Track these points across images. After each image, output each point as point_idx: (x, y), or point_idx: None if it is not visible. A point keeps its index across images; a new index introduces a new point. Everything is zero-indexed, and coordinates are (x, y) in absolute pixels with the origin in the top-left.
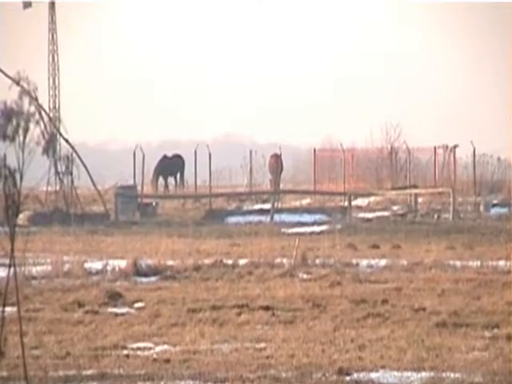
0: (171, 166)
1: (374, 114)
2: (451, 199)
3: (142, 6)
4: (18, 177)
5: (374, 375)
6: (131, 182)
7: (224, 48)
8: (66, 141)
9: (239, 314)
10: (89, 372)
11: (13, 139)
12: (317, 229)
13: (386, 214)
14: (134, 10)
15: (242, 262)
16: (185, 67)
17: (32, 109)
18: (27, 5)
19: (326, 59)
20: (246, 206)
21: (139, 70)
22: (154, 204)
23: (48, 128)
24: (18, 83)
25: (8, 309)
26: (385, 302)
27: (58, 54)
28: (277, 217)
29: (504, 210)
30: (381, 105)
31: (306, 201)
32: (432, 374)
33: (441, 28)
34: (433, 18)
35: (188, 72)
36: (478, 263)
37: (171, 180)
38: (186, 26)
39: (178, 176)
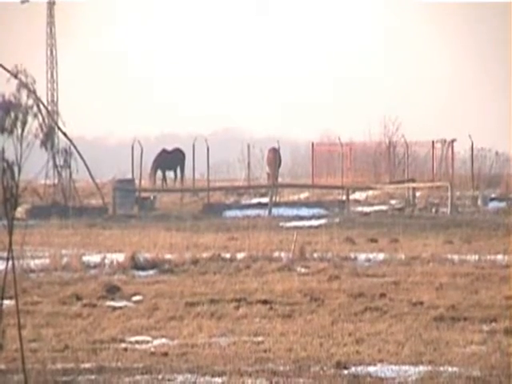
0: (170, 159)
1: (373, 108)
2: (449, 193)
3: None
4: (16, 170)
5: (371, 369)
6: (129, 176)
7: (223, 44)
8: (64, 134)
9: (237, 308)
10: (87, 365)
11: (11, 132)
12: (315, 223)
13: (383, 208)
14: (133, 5)
15: (239, 255)
16: (184, 62)
17: (30, 102)
18: None
19: (325, 56)
20: (244, 200)
21: (138, 64)
22: (151, 198)
23: (46, 121)
24: (15, 76)
25: (6, 302)
26: (383, 295)
27: (56, 48)
28: (275, 211)
29: (502, 204)
30: (379, 99)
31: (304, 195)
32: (430, 367)
33: (439, 26)
34: (432, 17)
35: (187, 67)
36: (476, 257)
37: (170, 174)
38: (186, 22)
39: (178, 170)
